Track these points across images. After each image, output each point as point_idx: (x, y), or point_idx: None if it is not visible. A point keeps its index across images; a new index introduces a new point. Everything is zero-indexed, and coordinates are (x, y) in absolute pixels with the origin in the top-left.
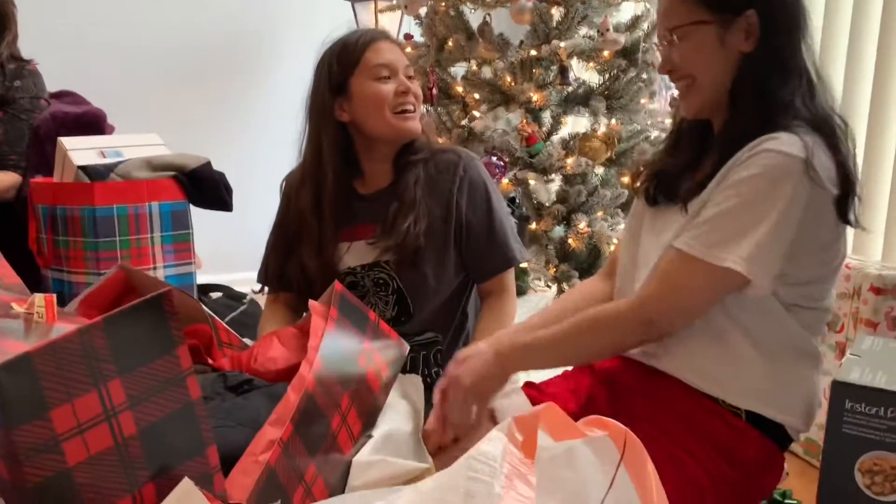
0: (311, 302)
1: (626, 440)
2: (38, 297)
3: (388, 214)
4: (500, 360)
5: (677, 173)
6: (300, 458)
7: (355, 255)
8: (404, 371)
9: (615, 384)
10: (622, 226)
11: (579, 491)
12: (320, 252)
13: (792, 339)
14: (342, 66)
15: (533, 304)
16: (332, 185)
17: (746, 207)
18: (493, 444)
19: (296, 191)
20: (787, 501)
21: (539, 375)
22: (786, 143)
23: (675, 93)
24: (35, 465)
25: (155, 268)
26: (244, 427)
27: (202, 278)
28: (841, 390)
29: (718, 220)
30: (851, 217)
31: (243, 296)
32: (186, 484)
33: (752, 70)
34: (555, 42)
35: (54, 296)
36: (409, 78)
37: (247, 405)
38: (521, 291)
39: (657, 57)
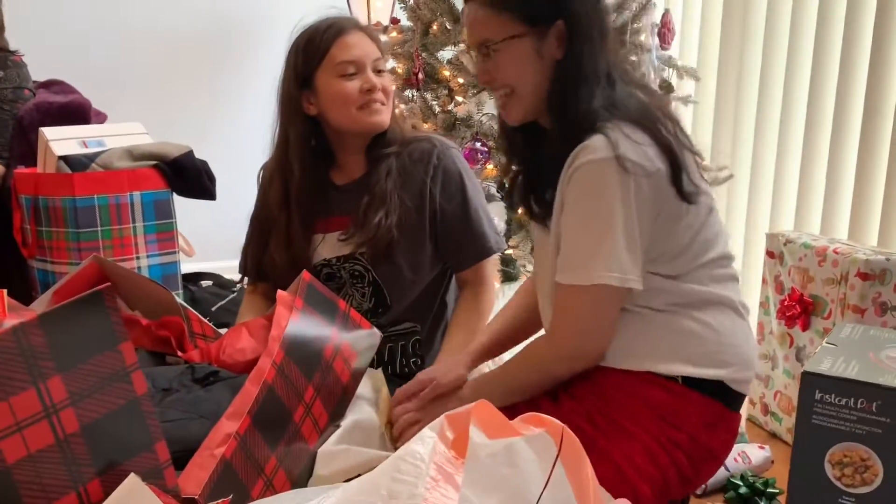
0: (279, 292)
1: (563, 436)
2: None
3: (360, 209)
4: (467, 392)
5: (528, 186)
6: (259, 450)
7: (330, 246)
8: (383, 360)
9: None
10: None
11: (520, 488)
12: (289, 245)
13: (688, 297)
14: (307, 59)
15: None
16: (300, 178)
17: (588, 227)
18: (422, 444)
19: (268, 182)
20: (769, 490)
21: None
22: (593, 150)
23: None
24: None
25: (138, 257)
26: (205, 419)
27: (194, 266)
28: (811, 381)
29: (572, 247)
30: (688, 190)
31: (233, 284)
32: (132, 480)
33: (561, 76)
34: None
35: (3, 291)
36: (379, 72)
37: (209, 397)
38: (511, 277)
39: (652, 41)
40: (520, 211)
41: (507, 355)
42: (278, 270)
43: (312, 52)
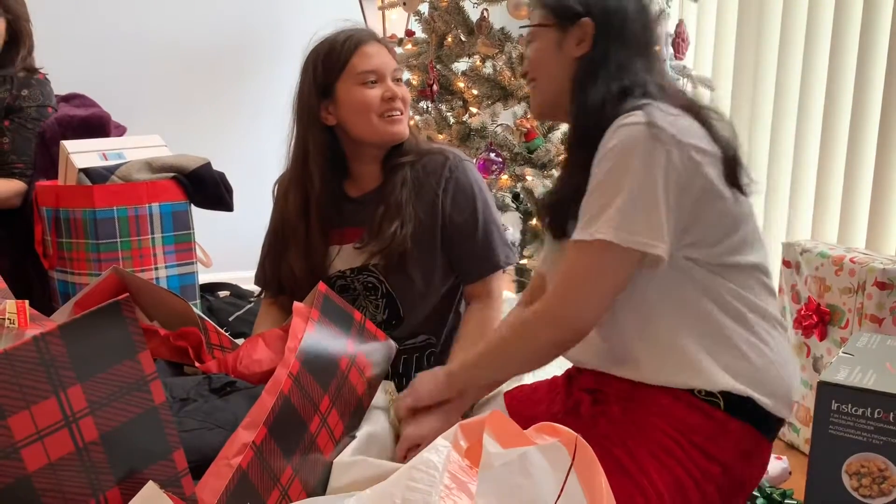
0: (295, 303)
1: (576, 446)
2: (10, 304)
3: (375, 218)
4: (450, 379)
5: (568, 198)
6: (275, 460)
7: (345, 258)
8: (398, 373)
9: (597, 392)
10: None
11: (533, 497)
12: (308, 256)
13: (737, 300)
14: (328, 69)
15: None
16: (319, 188)
17: (602, 185)
18: (435, 453)
19: (284, 194)
20: (787, 501)
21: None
22: (626, 117)
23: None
24: None
25: (157, 268)
26: (222, 429)
27: (211, 276)
28: (827, 391)
29: (586, 204)
30: (743, 181)
31: (250, 294)
32: (150, 487)
33: (581, 73)
34: None
35: (26, 302)
36: (397, 81)
37: (226, 407)
38: (525, 287)
39: (666, 51)
40: (534, 221)
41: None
42: (296, 281)
43: (333, 62)
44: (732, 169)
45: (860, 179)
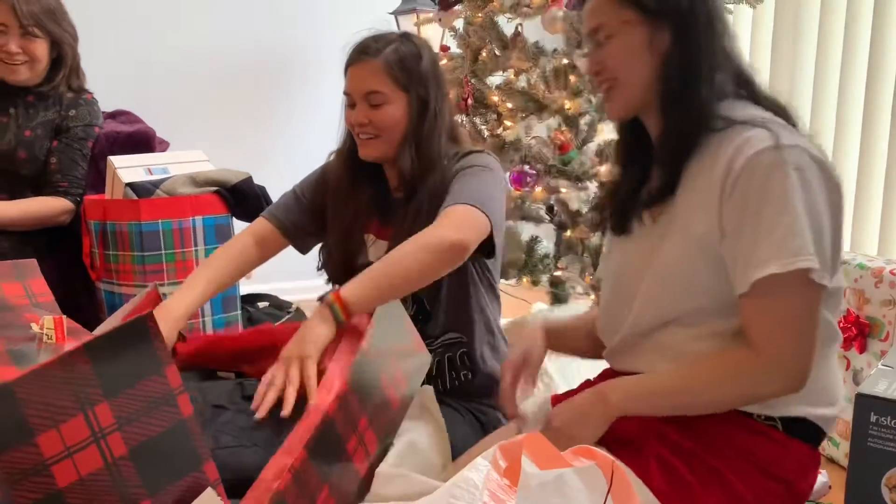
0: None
1: (613, 471)
2: (47, 319)
3: (401, 231)
4: (606, 409)
5: (633, 191)
6: (312, 482)
7: (375, 251)
8: (431, 375)
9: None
10: None
11: None
12: (346, 237)
13: (825, 327)
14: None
15: (574, 312)
16: (368, 173)
17: (774, 218)
18: (475, 472)
19: (334, 172)
20: None
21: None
22: (759, 141)
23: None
24: (25, 488)
25: None
26: (258, 447)
27: (251, 288)
28: (865, 403)
29: (759, 240)
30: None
31: (289, 305)
32: (209, 493)
33: (675, 70)
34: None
35: (63, 317)
36: (373, 106)
37: (262, 425)
38: (560, 299)
39: None
40: (568, 233)
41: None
42: (332, 264)
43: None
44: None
45: None
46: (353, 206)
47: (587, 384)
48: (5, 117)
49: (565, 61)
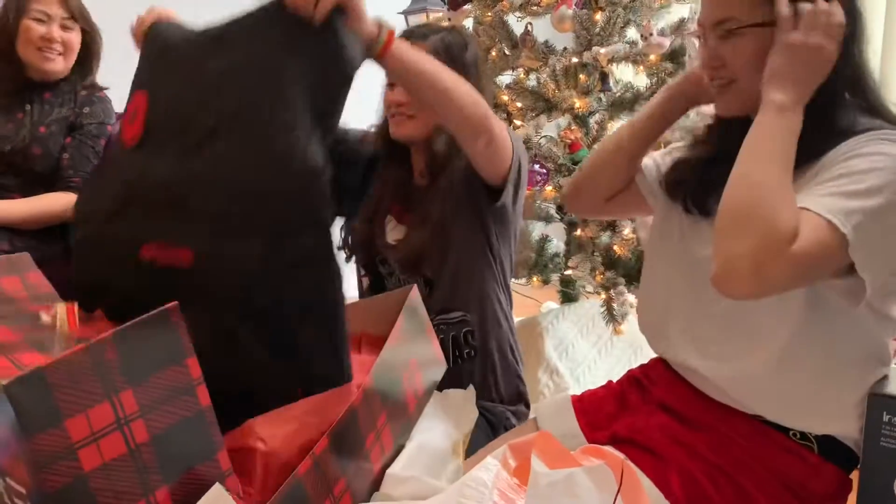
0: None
1: (623, 471)
2: (60, 307)
3: (415, 223)
4: None
5: (721, 172)
6: (331, 471)
7: (391, 233)
8: None
9: (675, 413)
10: None
11: None
12: (372, 218)
13: (872, 349)
14: None
15: (584, 311)
16: (394, 162)
17: (855, 177)
18: (485, 471)
19: (380, 138)
20: None
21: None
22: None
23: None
24: (53, 471)
25: None
26: None
27: None
28: (878, 403)
29: (829, 185)
30: None
31: None
32: (216, 489)
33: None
34: (595, 48)
35: (75, 304)
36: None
37: None
38: (570, 298)
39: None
40: (578, 231)
41: None
42: (354, 242)
43: None
44: None
45: None
46: (381, 186)
47: (610, 384)
48: (21, 114)
49: (575, 60)
